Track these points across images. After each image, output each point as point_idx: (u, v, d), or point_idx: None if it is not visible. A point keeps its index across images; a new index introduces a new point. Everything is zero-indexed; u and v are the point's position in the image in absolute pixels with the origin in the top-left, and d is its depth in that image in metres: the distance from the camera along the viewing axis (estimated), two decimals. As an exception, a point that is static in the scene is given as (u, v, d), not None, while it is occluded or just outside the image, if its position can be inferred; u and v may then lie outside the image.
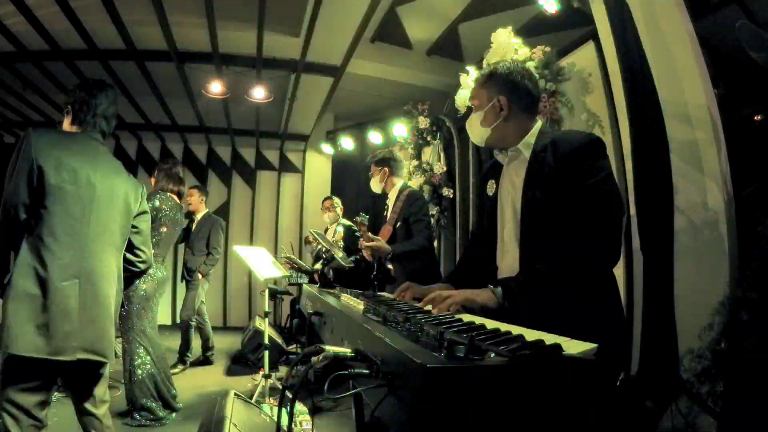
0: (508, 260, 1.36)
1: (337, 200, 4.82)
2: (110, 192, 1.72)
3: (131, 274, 1.90)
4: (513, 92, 1.38)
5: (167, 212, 3.07)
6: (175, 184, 3.23)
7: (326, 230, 4.61)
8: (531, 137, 1.36)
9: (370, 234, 2.65)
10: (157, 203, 3.03)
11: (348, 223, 4.77)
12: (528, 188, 1.30)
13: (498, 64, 1.42)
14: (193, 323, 4.36)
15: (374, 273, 2.68)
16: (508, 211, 1.38)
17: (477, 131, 1.43)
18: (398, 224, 2.82)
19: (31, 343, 1.48)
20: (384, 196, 3.07)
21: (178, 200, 3.24)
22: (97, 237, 1.66)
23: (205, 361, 4.48)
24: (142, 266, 1.92)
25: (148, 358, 2.89)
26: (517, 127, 1.38)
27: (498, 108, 1.37)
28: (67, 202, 1.59)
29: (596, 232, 1.17)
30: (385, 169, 3.00)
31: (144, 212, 1.91)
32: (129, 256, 1.86)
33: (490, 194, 1.49)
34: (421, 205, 2.83)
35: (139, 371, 2.85)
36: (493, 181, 1.48)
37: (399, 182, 3.02)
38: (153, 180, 3.26)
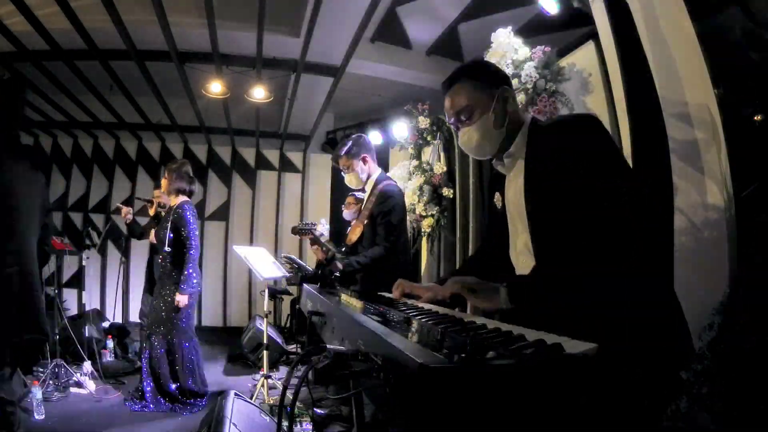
0: (525, 272, 1.23)
1: (361, 197, 4.78)
2: (23, 196, 1.85)
3: None
4: (503, 80, 1.25)
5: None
6: (189, 183, 3.24)
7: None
8: (523, 135, 1.23)
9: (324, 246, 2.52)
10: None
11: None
12: (529, 193, 1.17)
13: (462, 65, 1.27)
14: None
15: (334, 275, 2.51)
16: (516, 222, 1.26)
17: (488, 138, 1.24)
18: (366, 222, 2.53)
19: None
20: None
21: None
22: (19, 237, 1.80)
23: None
24: None
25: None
26: (515, 122, 1.24)
27: (503, 101, 1.22)
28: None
29: (611, 225, 1.01)
30: (365, 156, 2.59)
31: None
32: None
33: (498, 207, 1.38)
34: (393, 206, 2.48)
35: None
36: (498, 194, 1.37)
37: (376, 172, 2.64)
38: (165, 182, 3.23)
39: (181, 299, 2.99)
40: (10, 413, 1.63)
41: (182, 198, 3.20)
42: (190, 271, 3.01)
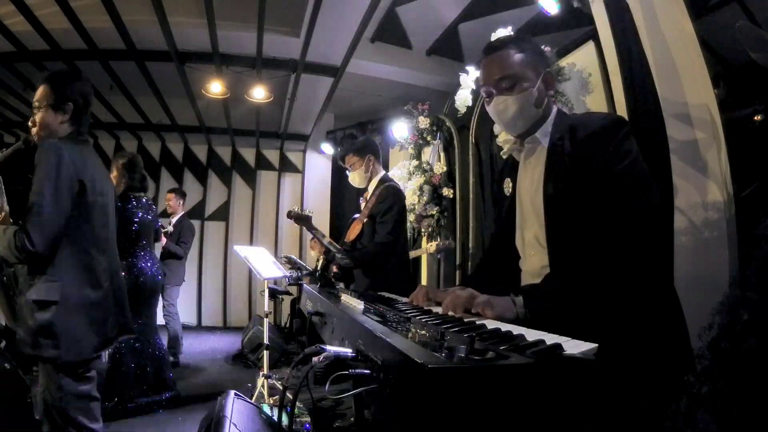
0: (532, 264, 1.22)
1: None
2: (111, 196, 1.83)
3: None
4: (548, 65, 1.22)
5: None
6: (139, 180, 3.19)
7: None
8: (549, 124, 1.20)
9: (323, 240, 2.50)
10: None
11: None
12: (548, 184, 1.14)
13: (518, 33, 1.25)
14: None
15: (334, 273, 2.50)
16: (528, 212, 1.23)
17: (525, 114, 1.18)
18: (366, 221, 2.54)
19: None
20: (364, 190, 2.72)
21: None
22: (113, 237, 1.81)
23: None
24: None
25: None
26: (547, 109, 1.21)
27: (545, 82, 1.18)
28: (99, 213, 1.69)
29: (630, 228, 1.00)
30: (369, 156, 2.63)
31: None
32: None
33: (507, 194, 1.34)
34: (390, 205, 2.48)
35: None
36: (509, 180, 1.32)
37: (380, 173, 2.68)
38: (116, 176, 3.10)
39: None
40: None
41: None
42: None
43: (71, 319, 1.56)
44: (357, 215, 2.70)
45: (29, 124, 1.70)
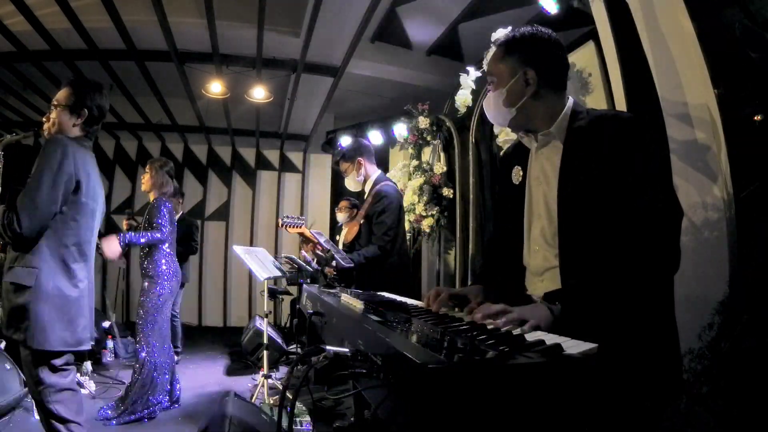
0: (537, 261, 1.19)
1: (355, 201, 4.80)
2: (101, 202, 1.89)
3: None
4: (540, 62, 1.17)
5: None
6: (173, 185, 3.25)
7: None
8: (564, 119, 1.16)
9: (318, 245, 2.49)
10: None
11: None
12: (566, 180, 1.10)
13: (518, 30, 1.20)
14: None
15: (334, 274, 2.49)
16: (539, 207, 1.19)
17: (498, 112, 1.20)
18: (363, 222, 2.56)
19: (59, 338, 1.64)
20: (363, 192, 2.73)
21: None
22: (94, 244, 1.86)
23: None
24: None
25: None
26: (548, 106, 1.17)
27: (523, 83, 1.15)
28: (87, 216, 1.74)
29: (657, 234, 0.99)
30: (359, 159, 2.64)
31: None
32: None
33: (516, 183, 1.28)
34: (386, 205, 2.49)
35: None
36: (520, 168, 1.27)
37: (375, 173, 2.67)
38: (149, 179, 3.06)
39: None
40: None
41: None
42: (143, 241, 2.84)
43: (42, 308, 1.59)
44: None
45: (44, 119, 1.78)
